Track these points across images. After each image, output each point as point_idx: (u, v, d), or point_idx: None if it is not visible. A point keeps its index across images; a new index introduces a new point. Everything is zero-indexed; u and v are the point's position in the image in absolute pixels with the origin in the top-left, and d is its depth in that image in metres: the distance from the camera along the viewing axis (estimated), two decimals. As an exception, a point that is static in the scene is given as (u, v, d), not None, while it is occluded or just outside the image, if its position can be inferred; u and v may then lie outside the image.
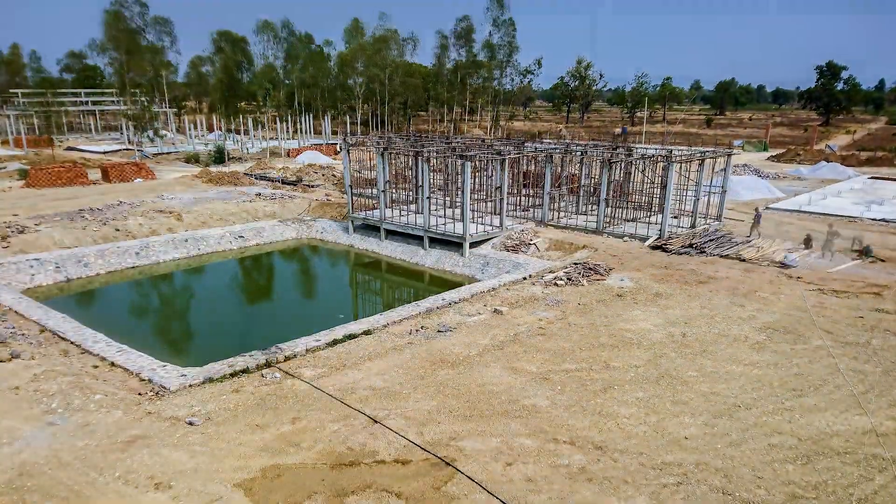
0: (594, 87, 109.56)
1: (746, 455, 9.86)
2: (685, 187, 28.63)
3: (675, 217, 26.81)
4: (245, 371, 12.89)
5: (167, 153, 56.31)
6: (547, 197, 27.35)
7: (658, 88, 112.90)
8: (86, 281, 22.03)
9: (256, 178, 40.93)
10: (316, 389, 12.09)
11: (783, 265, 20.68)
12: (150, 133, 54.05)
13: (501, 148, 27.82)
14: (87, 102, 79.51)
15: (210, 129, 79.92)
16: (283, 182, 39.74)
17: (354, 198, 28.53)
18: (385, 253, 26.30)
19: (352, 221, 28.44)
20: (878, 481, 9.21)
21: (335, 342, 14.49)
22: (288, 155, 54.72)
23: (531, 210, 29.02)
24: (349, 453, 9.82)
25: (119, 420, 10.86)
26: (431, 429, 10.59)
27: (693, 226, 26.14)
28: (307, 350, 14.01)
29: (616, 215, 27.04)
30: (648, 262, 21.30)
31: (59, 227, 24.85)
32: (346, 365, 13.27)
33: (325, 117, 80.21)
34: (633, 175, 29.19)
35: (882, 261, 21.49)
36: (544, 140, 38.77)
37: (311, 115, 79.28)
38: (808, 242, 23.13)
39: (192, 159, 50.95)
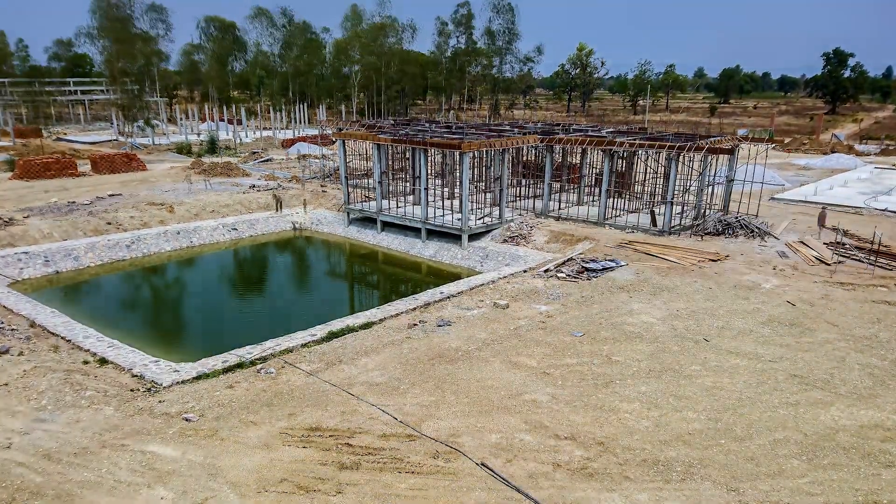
0: (595, 76, 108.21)
1: (751, 451, 9.68)
2: (689, 177, 28.27)
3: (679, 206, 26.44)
4: (239, 366, 12.63)
5: (159, 144, 55.61)
6: (547, 188, 27.02)
7: (661, 76, 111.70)
8: (76, 274, 21.66)
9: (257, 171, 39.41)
10: (312, 385, 11.85)
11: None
12: (141, 123, 53.22)
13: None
14: (75, 92, 78.26)
15: (203, 119, 79.04)
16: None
17: (350, 188, 28.15)
18: (382, 245, 25.98)
19: (348, 213, 28.08)
20: (885, 477, 9.03)
21: (331, 336, 14.24)
22: (282, 146, 54.10)
23: (531, 201, 28.70)
24: (346, 449, 9.59)
25: (111, 416, 10.62)
26: (431, 424, 10.38)
27: (696, 217, 25.85)
28: (303, 345, 13.75)
29: (618, 206, 26.73)
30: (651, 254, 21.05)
31: (49, 219, 24.43)
32: (342, 360, 13.03)
33: (320, 106, 79.41)
34: (635, 165, 28.80)
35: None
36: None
37: (305, 105, 78.48)
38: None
39: (185, 150, 50.29)
